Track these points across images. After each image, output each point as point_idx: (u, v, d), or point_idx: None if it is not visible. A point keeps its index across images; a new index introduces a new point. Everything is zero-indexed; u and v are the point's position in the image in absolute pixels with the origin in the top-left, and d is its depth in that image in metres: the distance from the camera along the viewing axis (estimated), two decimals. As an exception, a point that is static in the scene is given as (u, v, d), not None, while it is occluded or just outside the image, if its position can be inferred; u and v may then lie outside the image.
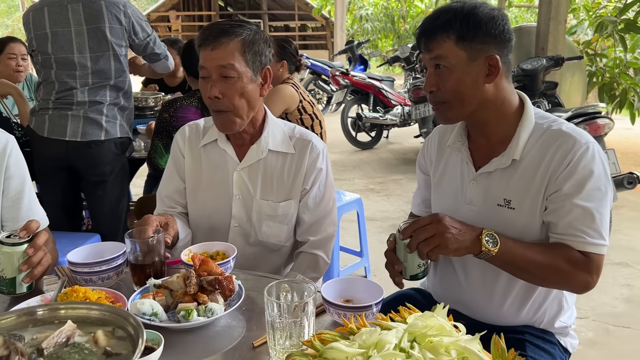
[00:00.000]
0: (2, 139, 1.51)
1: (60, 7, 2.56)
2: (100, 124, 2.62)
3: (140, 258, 1.34)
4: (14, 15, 20.42)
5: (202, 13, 16.70)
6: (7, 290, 1.27)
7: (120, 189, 2.83)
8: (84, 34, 2.57)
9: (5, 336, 0.74)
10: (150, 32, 2.81)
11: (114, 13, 2.60)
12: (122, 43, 2.66)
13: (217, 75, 1.53)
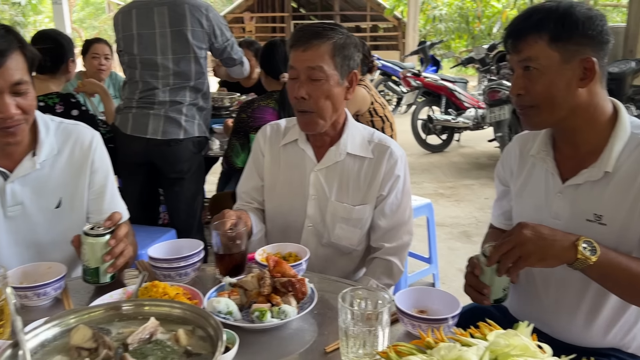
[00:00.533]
0: (88, 134, 1.60)
1: (147, 9, 2.68)
2: (179, 123, 2.72)
3: (222, 249, 1.39)
4: (100, 17, 21.62)
5: (275, 14, 17.00)
6: (91, 280, 1.34)
7: (196, 186, 2.93)
8: (168, 36, 2.67)
9: (95, 329, 0.78)
10: (229, 37, 2.88)
11: (196, 16, 2.68)
12: (203, 46, 2.75)
13: (306, 76, 1.55)
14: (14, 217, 1.48)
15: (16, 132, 1.36)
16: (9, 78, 1.30)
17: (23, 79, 1.34)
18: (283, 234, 1.75)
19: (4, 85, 1.30)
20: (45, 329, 0.80)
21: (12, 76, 1.31)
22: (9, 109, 1.31)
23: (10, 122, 1.33)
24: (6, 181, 1.44)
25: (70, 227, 1.55)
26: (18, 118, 1.35)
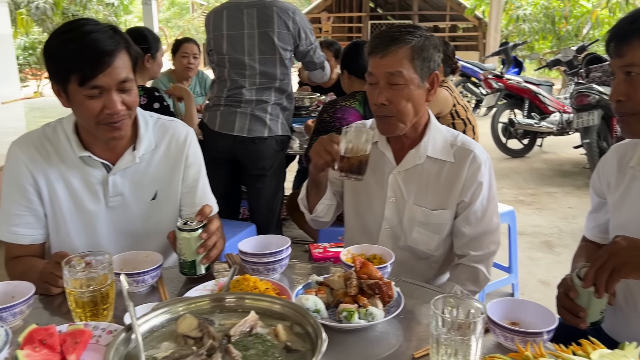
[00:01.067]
0: (184, 130, 1.67)
1: (237, 10, 2.77)
2: (264, 121, 2.79)
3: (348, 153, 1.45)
4: (184, 17, 22.54)
5: (352, 14, 17.01)
6: (189, 272, 1.40)
7: (277, 183, 2.99)
8: (255, 37, 2.74)
9: (200, 319, 0.81)
10: (313, 41, 2.94)
11: (283, 19, 2.74)
12: (288, 48, 2.81)
13: (385, 82, 1.54)
14: (114, 207, 1.57)
15: (121, 127, 1.45)
16: (116, 76, 1.38)
17: (128, 76, 1.42)
18: (360, 235, 1.75)
19: (111, 83, 1.38)
20: (154, 316, 0.84)
21: (119, 74, 1.38)
22: (116, 105, 1.40)
23: (116, 117, 1.41)
24: (109, 173, 1.54)
25: (164, 219, 1.64)
26: (123, 114, 1.43)
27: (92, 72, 1.34)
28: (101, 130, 1.43)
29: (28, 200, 1.51)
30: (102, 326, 1.12)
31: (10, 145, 1.54)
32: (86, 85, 1.36)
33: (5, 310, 1.16)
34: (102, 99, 1.39)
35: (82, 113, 1.41)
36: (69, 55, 1.35)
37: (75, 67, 1.35)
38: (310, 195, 1.73)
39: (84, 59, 1.34)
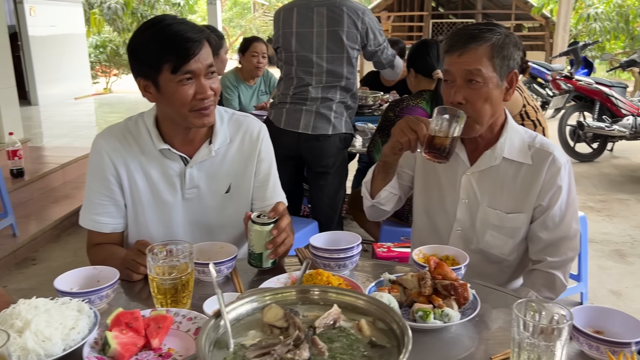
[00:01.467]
0: (257, 126, 1.70)
1: (307, 9, 2.79)
2: (329, 119, 2.80)
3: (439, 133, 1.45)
4: (246, 17, 22.98)
5: (413, 13, 16.80)
6: (255, 263, 1.43)
7: (340, 181, 3.00)
8: (324, 35, 2.76)
9: (286, 310, 0.82)
10: (382, 41, 2.93)
11: (352, 18, 2.75)
12: (356, 47, 2.81)
13: (463, 80, 1.51)
14: (190, 199, 1.62)
15: (210, 113, 1.50)
16: (204, 62, 1.44)
17: (212, 62, 1.48)
18: (430, 236, 1.73)
19: (201, 68, 1.44)
20: (240, 304, 0.86)
21: (207, 60, 1.45)
22: (207, 90, 1.45)
23: (206, 102, 1.47)
24: (186, 166, 1.58)
25: (236, 212, 1.67)
26: (212, 99, 1.48)
27: (184, 59, 1.40)
28: (192, 118, 1.48)
29: (110, 190, 1.58)
30: (183, 313, 1.16)
31: (95, 137, 1.62)
32: (179, 72, 1.41)
33: (93, 294, 1.21)
34: (193, 85, 1.44)
35: (175, 102, 1.46)
36: (160, 45, 1.41)
37: (167, 56, 1.41)
38: (376, 179, 1.71)
39: (175, 47, 1.40)
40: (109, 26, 13.96)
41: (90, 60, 12.16)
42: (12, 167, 4.57)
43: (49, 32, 9.55)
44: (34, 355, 0.99)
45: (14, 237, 3.87)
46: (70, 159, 5.36)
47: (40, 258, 3.90)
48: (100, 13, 13.31)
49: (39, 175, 4.88)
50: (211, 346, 0.77)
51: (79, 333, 1.06)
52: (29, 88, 9.29)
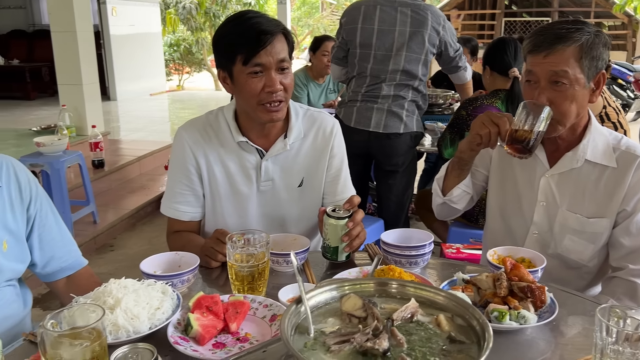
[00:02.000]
0: (330, 122, 1.72)
1: (391, 8, 2.80)
2: (401, 117, 2.80)
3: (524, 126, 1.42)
4: (314, 16, 23.17)
5: (485, 11, 16.36)
6: (330, 257, 1.46)
7: (408, 180, 2.99)
8: (406, 35, 2.76)
9: (365, 300, 0.84)
10: (458, 48, 2.95)
11: (435, 23, 2.76)
12: (434, 51, 2.83)
13: (547, 81, 1.45)
14: (264, 192, 1.67)
15: (278, 109, 1.53)
16: (276, 55, 1.47)
17: (286, 58, 1.50)
18: (504, 238, 1.68)
19: (271, 62, 1.47)
20: (320, 292, 0.88)
21: (279, 54, 1.48)
22: (275, 84, 1.49)
23: (274, 96, 1.50)
24: (262, 159, 1.63)
25: (308, 206, 1.71)
26: (280, 94, 1.51)
27: (254, 50, 1.45)
28: (260, 112, 1.52)
29: (190, 180, 1.65)
30: (259, 300, 1.20)
31: (177, 129, 1.70)
32: (249, 64, 1.46)
33: (175, 277, 1.28)
34: (263, 78, 1.48)
35: (244, 93, 1.51)
36: (235, 37, 1.47)
37: (240, 47, 1.46)
38: (450, 176, 1.69)
39: (248, 38, 1.46)
40: (183, 25, 14.49)
41: (165, 58, 12.65)
42: (93, 158, 4.85)
43: (128, 31, 10.03)
44: (123, 332, 1.06)
45: (94, 224, 4.12)
46: (145, 152, 5.62)
47: (118, 245, 4.12)
48: (176, 13, 13.84)
49: (117, 166, 5.15)
50: (292, 331, 0.80)
51: (163, 313, 1.12)
52: (109, 84, 9.80)
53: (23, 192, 1.36)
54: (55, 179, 3.65)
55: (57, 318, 0.93)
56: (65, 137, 3.89)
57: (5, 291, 1.35)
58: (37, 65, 9.69)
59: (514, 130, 1.43)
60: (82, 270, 1.51)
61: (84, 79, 5.41)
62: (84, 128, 5.45)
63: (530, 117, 1.41)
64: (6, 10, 10.89)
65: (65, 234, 1.48)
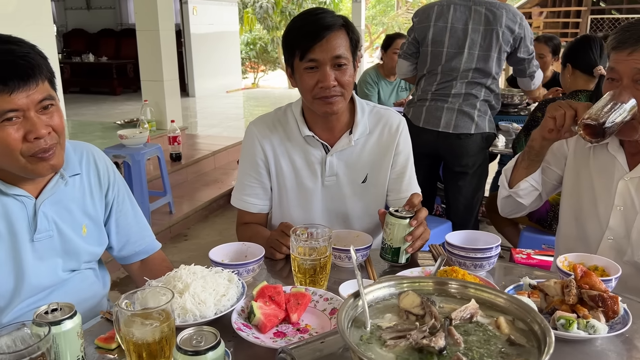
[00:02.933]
0: (397, 119, 1.72)
1: (465, 7, 2.75)
2: (472, 117, 2.73)
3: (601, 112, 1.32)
4: (389, 14, 22.98)
5: (569, 9, 15.58)
6: (390, 258, 1.44)
7: (478, 182, 2.91)
8: (479, 32, 2.71)
9: (424, 298, 0.83)
10: (531, 52, 2.84)
11: (510, 21, 2.68)
12: (507, 49, 2.75)
13: (630, 80, 1.38)
14: (328, 187, 1.69)
15: (333, 102, 1.54)
16: (331, 51, 1.48)
17: (343, 54, 1.51)
18: (577, 243, 1.61)
19: (326, 57, 1.49)
20: (378, 288, 0.89)
21: (334, 50, 1.49)
22: (329, 79, 1.50)
23: (328, 92, 1.52)
24: (327, 154, 1.66)
25: (371, 202, 1.71)
26: (335, 90, 1.52)
27: (309, 45, 1.48)
28: (316, 105, 1.56)
29: (258, 173, 1.70)
30: (320, 293, 1.22)
31: (248, 124, 1.75)
32: (305, 59, 1.50)
33: (241, 267, 1.33)
34: (317, 73, 1.51)
35: (302, 88, 1.56)
36: (295, 32, 1.52)
37: (297, 42, 1.50)
38: (519, 167, 1.62)
39: (305, 33, 1.49)
40: (260, 24, 14.83)
41: (241, 56, 13.02)
42: (171, 152, 5.08)
43: (207, 29, 10.41)
44: (190, 315, 1.12)
45: (170, 214, 4.32)
46: (220, 147, 5.82)
47: (191, 235, 4.30)
48: (253, 12, 14.20)
49: (193, 160, 5.37)
50: (349, 323, 0.81)
51: (228, 300, 1.17)
52: (188, 81, 10.22)
53: (102, 179, 1.44)
54: (136, 170, 3.86)
55: (131, 299, 0.99)
56: (146, 131, 4.10)
57: (85, 273, 1.44)
58: (123, 62, 10.28)
59: (592, 113, 1.34)
60: (156, 255, 1.60)
61: (165, 76, 5.68)
62: (163, 122, 5.72)
63: (613, 103, 1.33)
64: (97, 10, 11.62)
65: (141, 219, 1.56)
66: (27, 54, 1.15)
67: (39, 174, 1.24)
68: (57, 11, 11.39)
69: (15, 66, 1.12)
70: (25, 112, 1.15)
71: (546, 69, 4.19)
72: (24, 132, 1.15)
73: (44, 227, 1.30)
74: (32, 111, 1.16)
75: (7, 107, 1.12)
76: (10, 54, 1.13)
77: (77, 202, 1.38)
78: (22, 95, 1.13)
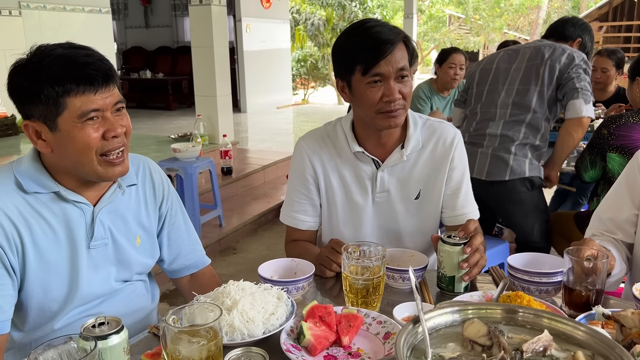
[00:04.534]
0: (451, 132, 1.64)
1: (515, 50, 2.71)
2: (506, 162, 2.54)
3: (572, 279, 1.23)
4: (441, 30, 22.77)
5: (631, 23, 14.97)
6: (446, 288, 1.35)
7: (533, 220, 2.66)
8: (522, 69, 2.61)
9: (491, 327, 0.76)
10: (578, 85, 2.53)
11: (557, 56, 2.55)
12: (549, 83, 2.56)
13: None
14: (380, 203, 1.63)
15: (397, 115, 1.49)
16: (395, 64, 1.44)
17: (406, 66, 1.47)
18: None
19: (391, 71, 1.44)
20: (440, 314, 0.82)
21: (398, 63, 1.44)
22: (394, 93, 1.45)
23: (393, 105, 1.47)
24: (378, 169, 1.60)
25: (426, 219, 1.64)
26: (400, 102, 1.47)
27: (374, 60, 1.43)
28: (379, 119, 1.50)
29: (308, 189, 1.66)
30: (373, 315, 1.16)
31: (297, 140, 1.72)
32: (369, 74, 1.44)
33: (291, 284, 1.28)
34: (382, 87, 1.46)
35: (363, 103, 1.49)
36: (355, 47, 1.46)
37: (360, 57, 1.45)
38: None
39: (368, 48, 1.44)
40: (311, 41, 14.98)
41: (292, 73, 13.16)
42: (223, 166, 5.14)
43: (260, 47, 10.58)
44: (238, 334, 1.08)
45: (220, 227, 4.34)
46: (270, 162, 5.84)
47: (240, 248, 4.31)
48: (305, 29, 14.35)
49: (243, 174, 5.41)
50: (408, 351, 0.75)
51: (277, 319, 1.12)
52: (240, 97, 10.39)
53: (157, 191, 1.45)
54: (188, 183, 3.91)
55: (178, 314, 0.96)
56: (198, 145, 4.16)
57: (136, 285, 1.44)
58: (179, 78, 10.58)
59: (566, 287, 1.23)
60: (205, 269, 1.58)
61: (218, 91, 5.77)
62: (215, 137, 5.81)
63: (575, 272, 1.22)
64: (155, 28, 12.05)
65: (192, 233, 1.55)
66: (104, 58, 1.23)
67: (108, 178, 1.27)
68: (117, 30, 11.88)
69: (98, 68, 1.19)
70: (104, 112, 1.21)
71: (609, 83, 4.00)
72: (102, 131, 1.21)
73: (100, 235, 1.30)
74: (109, 112, 1.22)
75: (91, 107, 1.18)
76: (92, 57, 1.20)
77: (133, 212, 1.39)
78: (104, 95, 1.19)
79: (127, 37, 12.34)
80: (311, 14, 14.50)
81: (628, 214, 1.53)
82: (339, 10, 14.89)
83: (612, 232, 1.56)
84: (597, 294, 1.22)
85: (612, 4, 15.22)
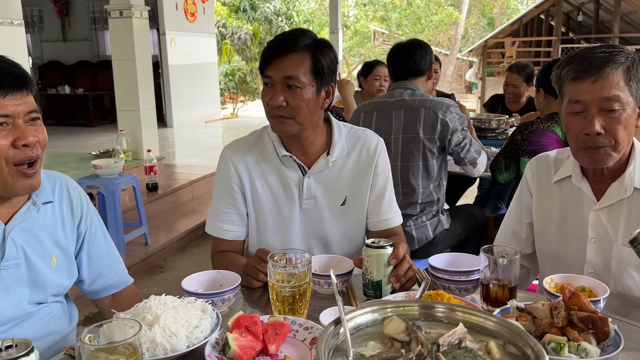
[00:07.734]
0: (375, 140, 1.69)
1: (386, 112, 2.55)
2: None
3: (488, 276, 1.28)
4: (365, 46, 23.44)
5: (541, 38, 16.04)
6: (373, 294, 1.36)
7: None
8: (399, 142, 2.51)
9: (409, 323, 0.78)
10: (462, 139, 2.53)
11: (431, 118, 2.45)
12: (434, 151, 2.51)
13: (597, 109, 1.35)
14: (307, 210, 1.64)
15: (282, 122, 1.53)
16: (281, 71, 1.49)
17: (296, 75, 1.49)
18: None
19: (276, 77, 1.50)
20: (360, 314, 0.84)
21: (286, 70, 1.48)
22: (275, 99, 1.50)
23: (274, 112, 1.52)
24: (304, 176, 1.61)
25: (351, 225, 1.67)
26: (282, 108, 1.51)
27: (266, 61, 1.51)
28: (269, 121, 1.57)
29: (233, 199, 1.65)
30: (299, 322, 1.16)
31: (222, 149, 1.70)
32: (262, 73, 1.53)
33: (216, 296, 1.26)
34: (270, 91, 1.52)
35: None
36: (266, 46, 1.55)
37: (262, 56, 1.54)
38: None
39: (267, 49, 1.52)
40: (238, 55, 14.93)
41: (220, 87, 13.03)
42: (148, 182, 4.98)
43: (185, 61, 10.40)
44: (160, 349, 1.04)
45: (146, 246, 4.20)
46: (198, 177, 5.73)
47: (168, 267, 4.18)
48: (231, 43, 14.29)
49: (170, 190, 5.27)
50: (330, 352, 0.75)
51: (202, 332, 1.10)
52: (166, 112, 10.15)
53: (74, 208, 1.39)
54: (110, 201, 3.76)
55: (95, 332, 0.92)
56: (121, 161, 4.02)
57: (52, 307, 1.36)
58: (100, 93, 10.18)
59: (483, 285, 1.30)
60: (128, 289, 1.52)
61: (142, 105, 5.62)
62: (140, 152, 5.64)
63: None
64: (74, 42, 11.56)
65: (113, 252, 1.50)
66: (19, 65, 1.19)
67: (17, 191, 1.20)
68: (32, 43, 11.30)
69: (10, 72, 1.15)
70: (15, 119, 1.16)
71: (521, 96, 4.25)
72: (12, 139, 1.15)
73: (12, 255, 1.23)
74: (21, 119, 1.16)
75: (0, 112, 1.13)
76: (4, 61, 1.16)
77: (48, 231, 1.32)
78: (15, 101, 1.15)
79: (43, 50, 11.75)
80: (238, 28, 14.47)
81: (516, 227, 1.67)
82: (266, 24, 14.96)
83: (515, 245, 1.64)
84: (510, 289, 1.29)
85: (522, 21, 16.26)
